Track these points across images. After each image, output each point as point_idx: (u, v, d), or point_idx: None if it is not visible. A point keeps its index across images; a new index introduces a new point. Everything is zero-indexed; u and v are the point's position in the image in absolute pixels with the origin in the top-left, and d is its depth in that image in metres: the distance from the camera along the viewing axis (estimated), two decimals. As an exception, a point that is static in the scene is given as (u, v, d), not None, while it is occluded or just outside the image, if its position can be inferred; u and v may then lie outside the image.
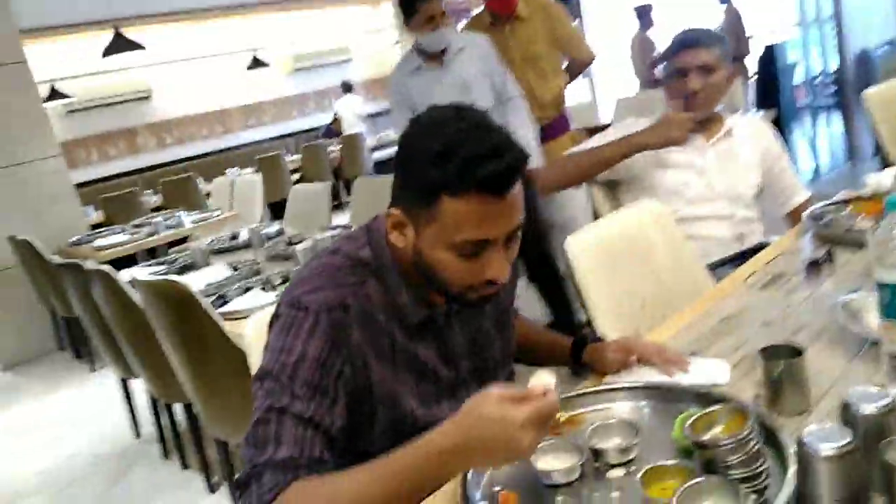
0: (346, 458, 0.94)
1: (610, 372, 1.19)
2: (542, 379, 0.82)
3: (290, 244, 2.95)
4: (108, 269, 2.28)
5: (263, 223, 4.09)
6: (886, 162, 2.45)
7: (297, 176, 7.31)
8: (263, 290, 2.30)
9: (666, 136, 1.77)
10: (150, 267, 3.07)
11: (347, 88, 8.70)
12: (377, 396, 1.00)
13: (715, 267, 1.81)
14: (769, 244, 1.78)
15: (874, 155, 4.50)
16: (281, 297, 1.03)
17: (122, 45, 4.60)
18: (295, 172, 7.45)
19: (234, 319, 2.03)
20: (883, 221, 0.95)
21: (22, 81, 4.67)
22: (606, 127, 3.12)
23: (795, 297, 1.36)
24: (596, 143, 1.94)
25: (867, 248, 1.18)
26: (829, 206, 1.76)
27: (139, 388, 2.80)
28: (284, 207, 3.93)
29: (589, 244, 1.44)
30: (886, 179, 1.70)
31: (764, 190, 1.97)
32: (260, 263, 2.69)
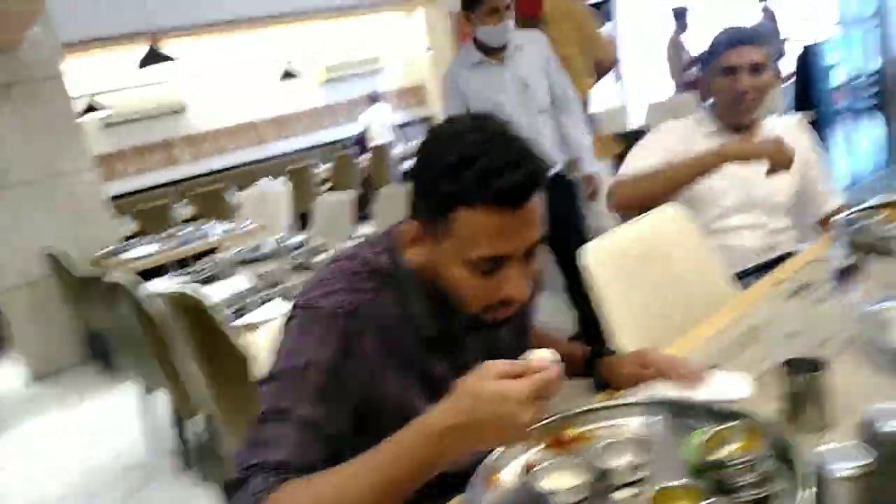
0: None
1: (625, 386, 1.13)
2: (540, 355, 0.79)
3: (313, 254, 2.95)
4: (128, 280, 2.30)
5: (289, 233, 4.12)
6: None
7: (326, 186, 7.36)
8: (283, 300, 2.30)
9: (758, 150, 1.65)
10: (176, 278, 3.10)
11: (374, 99, 8.75)
12: (387, 407, 0.97)
13: (742, 276, 1.74)
14: (799, 252, 1.71)
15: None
16: (295, 298, 1.00)
17: (158, 56, 4.68)
18: (325, 183, 7.50)
19: (252, 330, 2.02)
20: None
21: (61, 95, 4.79)
22: (639, 132, 3.07)
23: (823, 307, 1.29)
24: (647, 155, 1.81)
25: (899, 254, 1.11)
26: (861, 211, 1.67)
27: (161, 400, 2.82)
28: (314, 218, 3.95)
29: (606, 252, 1.38)
30: (924, 183, 1.61)
31: (797, 196, 1.89)
32: (282, 274, 2.69)
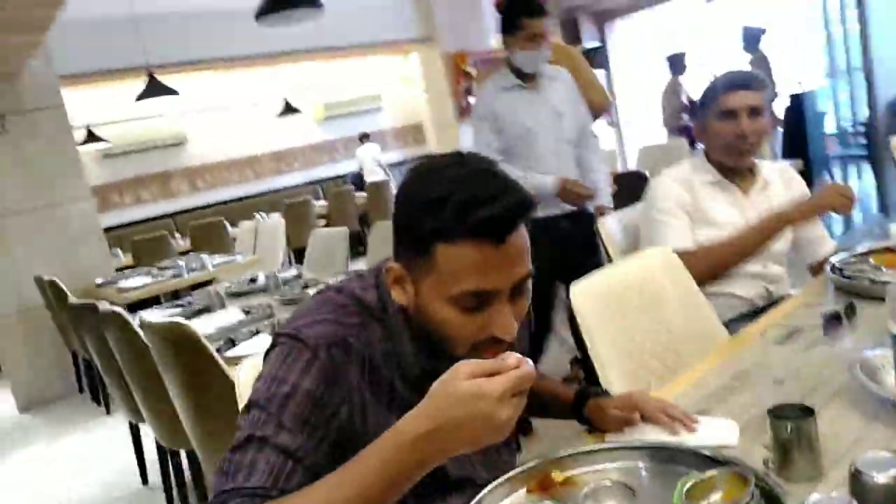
0: None
1: (612, 429, 1.12)
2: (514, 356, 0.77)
3: (304, 288, 2.95)
4: (119, 310, 2.28)
5: (283, 267, 4.12)
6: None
7: (323, 222, 7.39)
8: (271, 334, 2.28)
9: (823, 205, 1.65)
10: (167, 309, 3.08)
11: (364, 137, 9.05)
12: (368, 442, 0.94)
13: (733, 321, 1.73)
14: (791, 297, 1.71)
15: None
16: (280, 327, 0.98)
17: (156, 90, 4.73)
18: (322, 218, 7.53)
19: (239, 363, 2.00)
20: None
21: (59, 125, 4.83)
22: (632, 174, 3.12)
23: (813, 352, 1.28)
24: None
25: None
26: (852, 257, 1.68)
27: (149, 433, 2.77)
28: (308, 252, 3.94)
29: (595, 291, 1.38)
30: (913, 230, 1.62)
31: (793, 242, 1.89)
32: (273, 307, 2.68)
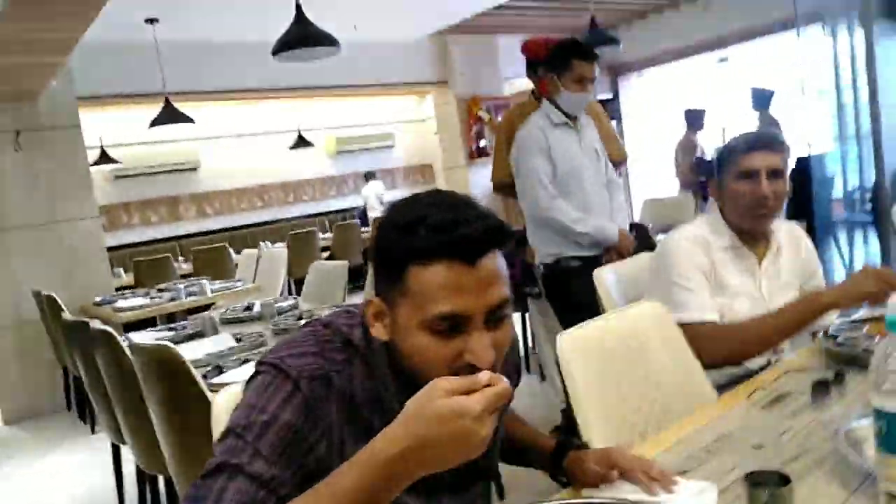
0: None
1: (588, 484, 1.10)
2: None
3: (299, 319, 2.94)
4: (109, 329, 2.27)
5: (281, 297, 4.11)
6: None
7: (327, 254, 7.41)
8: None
9: (860, 292, 1.48)
10: (159, 332, 3.07)
11: (370, 175, 9.26)
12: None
13: (723, 387, 1.69)
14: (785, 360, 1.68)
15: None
16: (262, 356, 0.96)
17: (171, 116, 4.81)
18: (326, 251, 7.55)
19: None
20: (881, 343, 0.87)
21: (74, 145, 4.90)
22: (632, 225, 3.13)
23: (799, 419, 1.26)
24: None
25: (875, 371, 1.08)
26: (848, 324, 1.66)
27: (130, 455, 2.73)
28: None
29: (583, 342, 1.37)
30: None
31: None
32: (265, 336, 2.67)
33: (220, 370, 2.22)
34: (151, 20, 4.92)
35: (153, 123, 4.80)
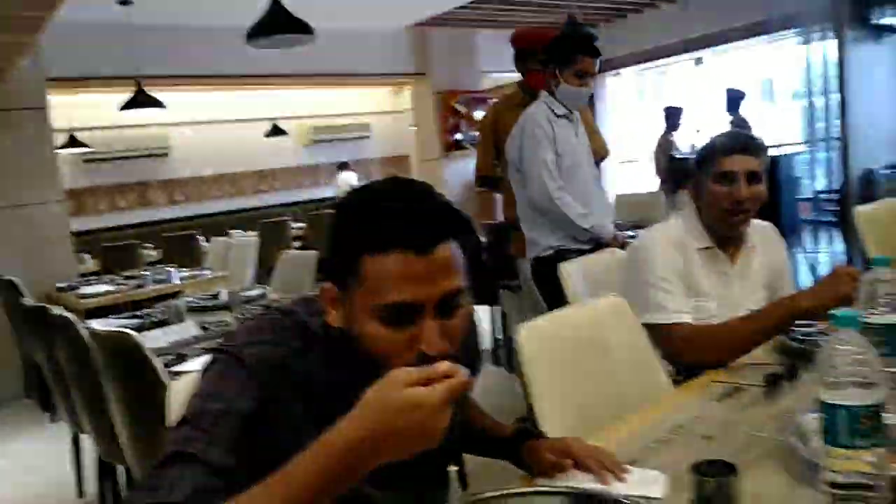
0: None
1: (544, 472, 1.10)
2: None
3: (266, 309, 2.91)
4: (68, 316, 2.23)
5: (250, 285, 4.07)
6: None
7: (299, 244, 7.35)
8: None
9: (836, 295, 1.44)
10: (122, 319, 3.03)
11: (343, 166, 9.22)
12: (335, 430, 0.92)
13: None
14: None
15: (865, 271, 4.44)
16: (219, 343, 0.95)
17: (142, 100, 4.72)
18: (298, 240, 7.49)
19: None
20: (828, 338, 0.89)
21: (40, 127, 4.79)
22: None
23: (751, 412, 1.28)
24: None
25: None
26: (806, 321, 1.68)
27: (89, 444, 2.69)
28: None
29: (541, 334, 1.38)
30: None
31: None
32: (231, 325, 2.64)
33: (182, 359, 2.20)
34: (125, 2, 4.82)
35: (124, 107, 4.72)
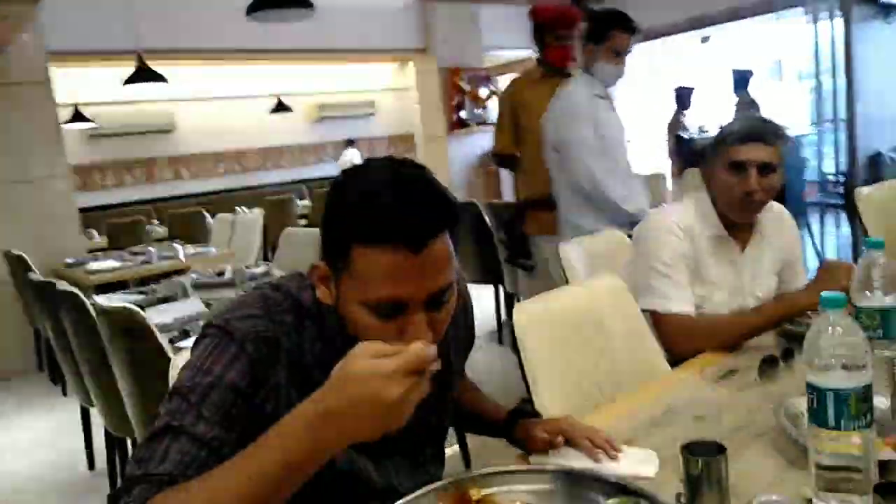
0: None
1: (538, 451, 1.13)
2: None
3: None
4: (75, 291, 2.26)
5: (255, 263, 4.10)
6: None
7: (304, 221, 7.37)
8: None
9: (833, 289, 1.36)
10: (129, 295, 3.06)
11: (350, 143, 9.24)
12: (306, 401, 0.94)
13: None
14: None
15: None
16: (211, 317, 0.97)
17: (144, 74, 4.70)
18: (303, 218, 7.51)
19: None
20: (816, 320, 0.90)
21: (44, 101, 4.79)
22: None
23: (746, 393, 1.30)
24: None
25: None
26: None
27: (99, 418, 2.74)
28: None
29: (538, 314, 1.39)
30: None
31: (776, 294, 1.78)
32: (235, 302, 2.67)
33: (186, 335, 2.23)
34: (127, -25, 4.80)
35: (128, 81, 4.70)
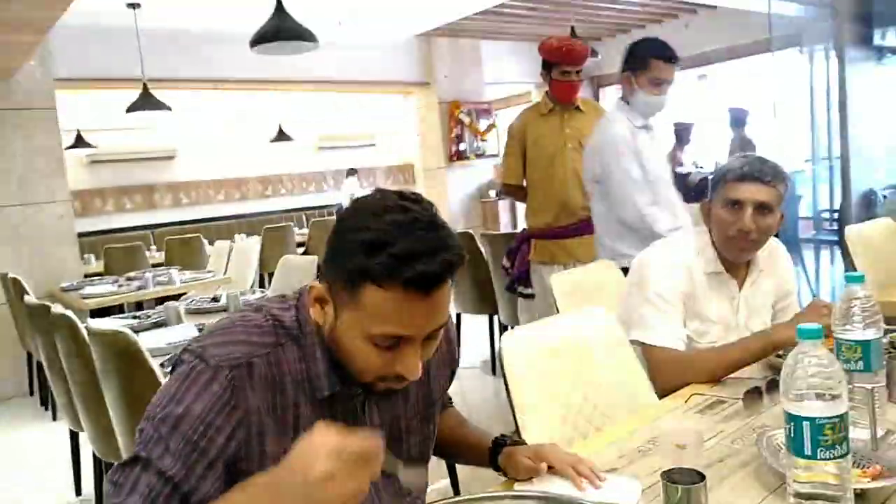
0: None
1: (520, 478, 1.13)
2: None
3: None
4: (69, 314, 2.27)
5: (251, 290, 4.11)
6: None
7: (302, 249, 7.39)
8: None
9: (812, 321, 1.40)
10: (122, 319, 3.06)
11: (351, 172, 9.27)
12: (269, 467, 0.96)
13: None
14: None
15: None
16: (190, 342, 0.99)
17: (148, 102, 4.78)
18: (301, 246, 7.53)
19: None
20: (791, 351, 0.92)
21: (48, 127, 4.85)
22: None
23: (730, 424, 1.31)
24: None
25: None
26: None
27: (88, 443, 2.72)
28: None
29: (525, 342, 1.41)
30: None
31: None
32: (228, 328, 2.67)
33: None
34: (133, 5, 4.89)
35: (130, 109, 4.77)
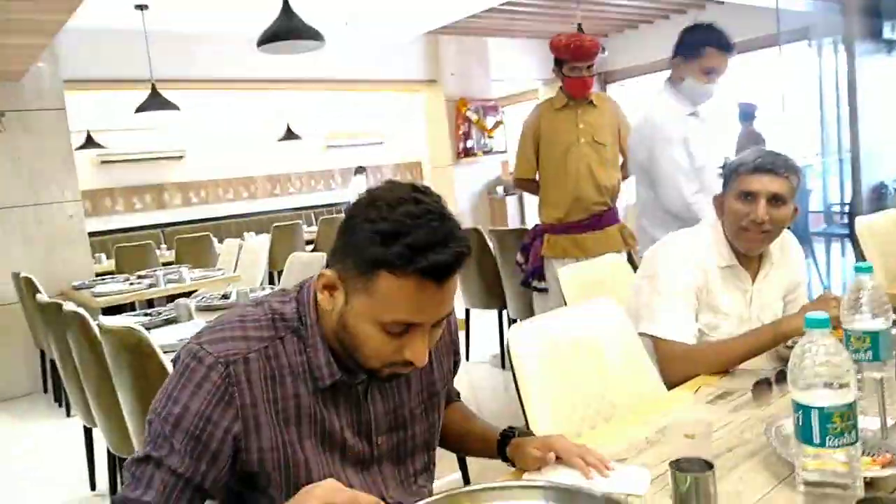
0: None
1: (529, 468, 1.14)
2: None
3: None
4: (81, 311, 2.29)
5: (260, 287, 4.13)
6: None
7: (311, 247, 7.42)
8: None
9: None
10: (134, 316, 3.09)
11: (360, 170, 9.33)
12: (270, 459, 0.99)
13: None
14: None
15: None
16: (190, 339, 1.02)
17: (157, 103, 4.80)
18: (310, 244, 7.56)
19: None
20: (800, 340, 0.92)
21: (58, 128, 4.89)
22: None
23: (740, 414, 1.31)
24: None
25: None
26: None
27: (101, 438, 2.74)
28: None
29: (535, 334, 1.41)
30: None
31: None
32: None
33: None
34: (141, 6, 4.91)
35: (139, 109, 4.80)
